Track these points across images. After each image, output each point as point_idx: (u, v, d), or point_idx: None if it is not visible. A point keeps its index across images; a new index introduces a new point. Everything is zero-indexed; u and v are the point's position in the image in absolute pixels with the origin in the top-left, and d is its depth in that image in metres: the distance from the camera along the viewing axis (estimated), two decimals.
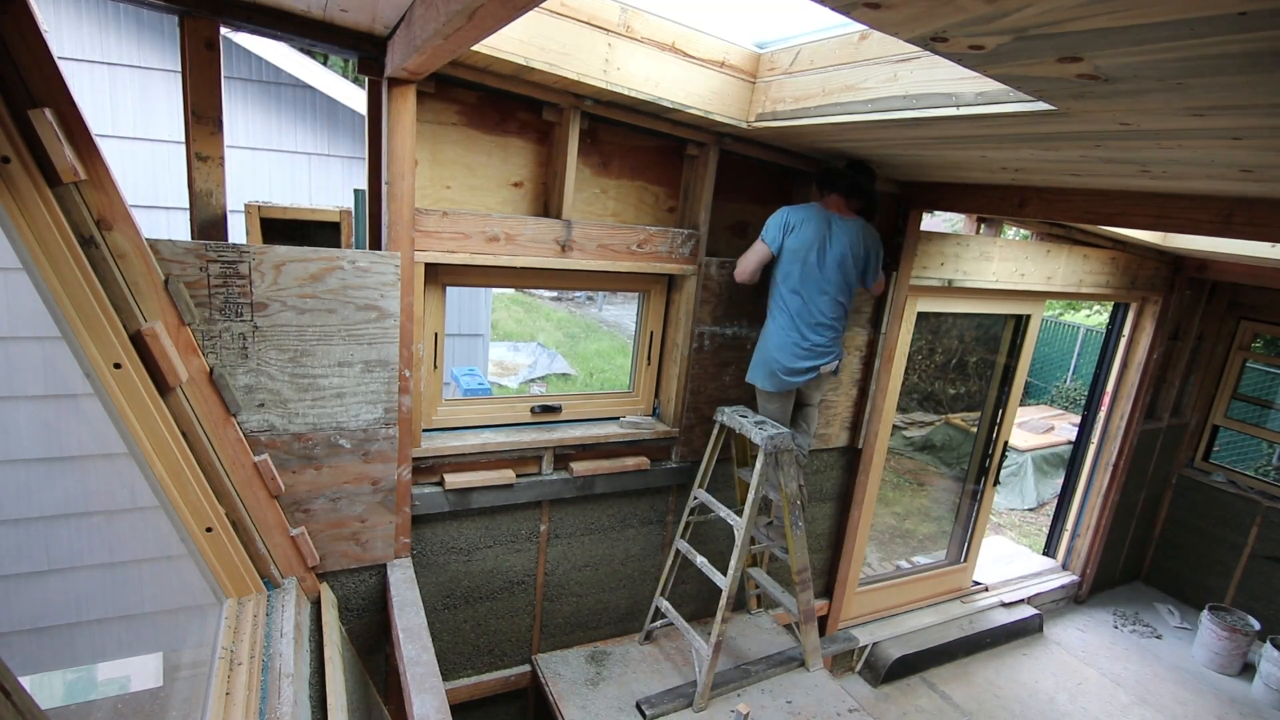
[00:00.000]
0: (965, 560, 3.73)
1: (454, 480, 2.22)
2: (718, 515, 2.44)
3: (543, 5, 1.24)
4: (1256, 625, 3.66)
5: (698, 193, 2.36)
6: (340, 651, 1.81)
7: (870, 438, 3.01)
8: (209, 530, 1.65)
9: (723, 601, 2.35)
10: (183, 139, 1.61)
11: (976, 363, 6.25)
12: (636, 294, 2.57)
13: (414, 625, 1.81)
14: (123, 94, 3.29)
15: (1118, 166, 1.66)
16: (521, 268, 2.13)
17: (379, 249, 1.92)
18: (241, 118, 3.60)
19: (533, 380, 8.60)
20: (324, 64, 4.55)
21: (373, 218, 1.97)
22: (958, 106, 1.33)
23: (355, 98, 3.77)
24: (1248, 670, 3.66)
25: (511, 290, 12.82)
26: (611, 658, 2.68)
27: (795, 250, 2.30)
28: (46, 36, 1.30)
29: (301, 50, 3.62)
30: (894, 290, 2.79)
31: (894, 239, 2.74)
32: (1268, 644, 3.46)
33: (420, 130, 1.94)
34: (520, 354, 9.15)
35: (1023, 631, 3.70)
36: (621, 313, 13.42)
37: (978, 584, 3.83)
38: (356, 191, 4.12)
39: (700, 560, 2.47)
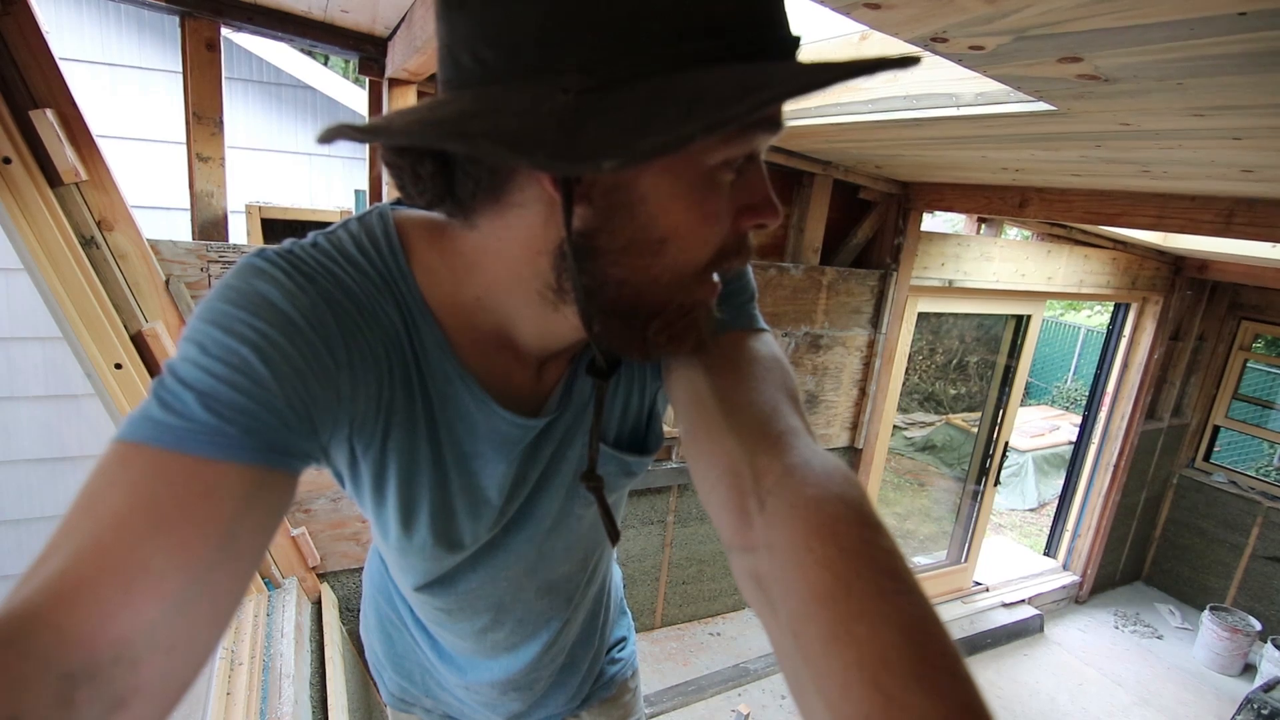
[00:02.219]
0: (966, 561, 3.73)
1: None
2: None
3: None
4: (1257, 625, 3.66)
5: None
6: (341, 652, 1.81)
7: (870, 438, 3.01)
8: None
9: None
10: (183, 139, 1.61)
11: (977, 363, 6.25)
12: None
13: None
14: (123, 94, 3.30)
15: (1118, 167, 1.66)
16: None
17: None
18: (242, 118, 3.61)
19: None
20: (324, 64, 4.55)
21: None
22: (958, 107, 1.33)
23: (356, 98, 3.78)
24: (1249, 670, 3.66)
25: None
26: None
27: None
28: (47, 37, 1.30)
29: (302, 51, 3.63)
30: (894, 290, 2.79)
31: (894, 239, 2.74)
32: (1269, 644, 3.45)
33: None
34: None
35: (1023, 632, 3.69)
36: None
37: (978, 584, 3.82)
38: (357, 192, 4.12)
39: None
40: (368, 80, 1.83)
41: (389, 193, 1.82)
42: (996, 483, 3.65)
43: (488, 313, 0.52)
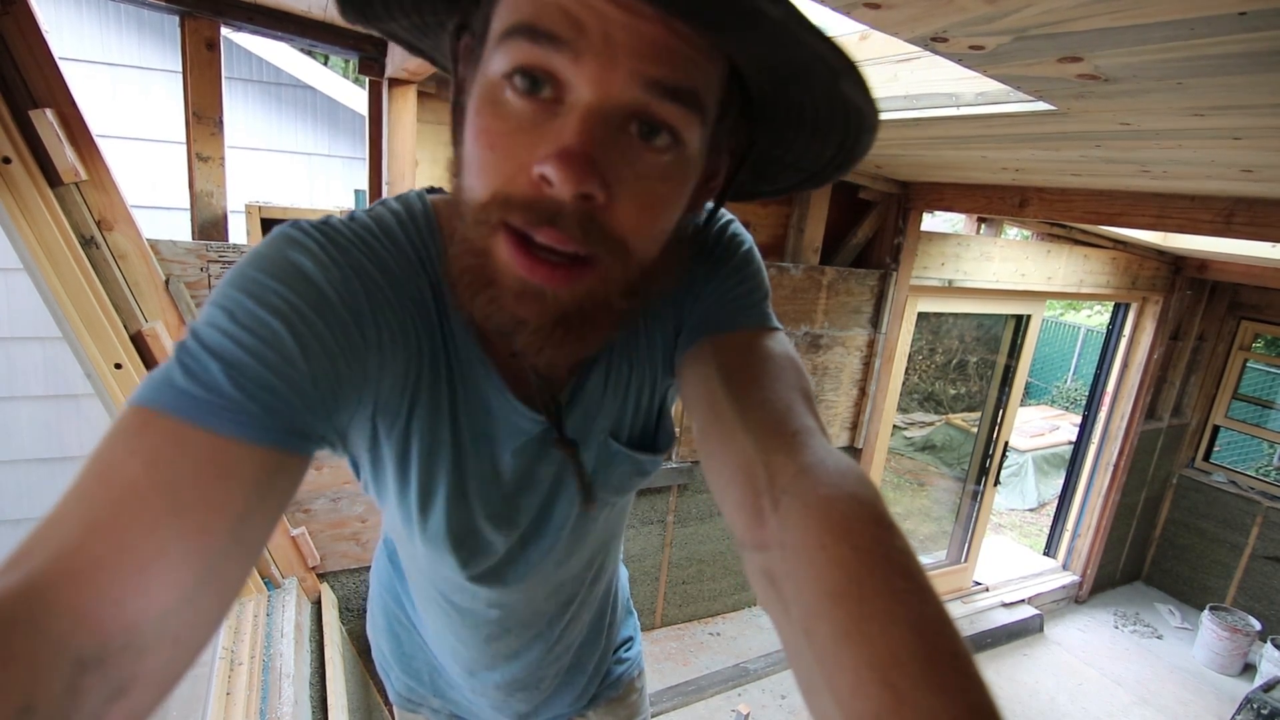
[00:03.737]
0: (965, 560, 3.73)
1: None
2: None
3: None
4: (1257, 625, 3.66)
5: None
6: (341, 652, 1.81)
7: (870, 438, 3.01)
8: None
9: None
10: (183, 139, 1.61)
11: (977, 363, 6.25)
12: None
13: None
14: (123, 94, 3.30)
15: (1118, 166, 1.66)
16: None
17: None
18: (242, 118, 3.61)
19: None
20: (324, 64, 4.55)
21: None
22: (958, 106, 1.33)
23: (355, 98, 3.78)
24: (1249, 670, 3.66)
25: None
26: None
27: None
28: (47, 37, 1.30)
29: (302, 51, 3.63)
30: (894, 290, 2.79)
31: (894, 239, 2.74)
32: (1268, 644, 3.46)
33: (421, 130, 1.94)
34: None
35: (1023, 632, 3.69)
36: None
37: (978, 584, 3.82)
38: (357, 192, 4.12)
39: None
40: (367, 80, 1.83)
41: (389, 194, 1.82)
42: (996, 482, 3.65)
43: None
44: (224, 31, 1.58)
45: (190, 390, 0.36)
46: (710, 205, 0.54)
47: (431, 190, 0.55)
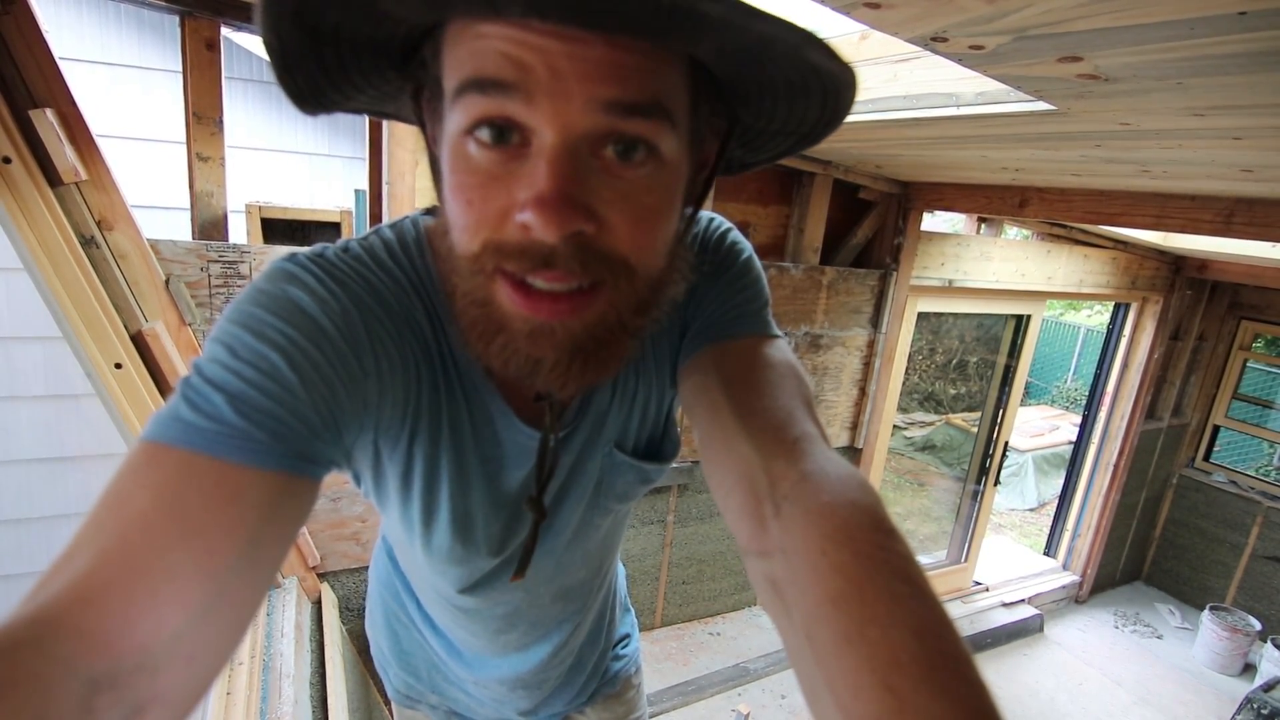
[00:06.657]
0: (965, 560, 3.73)
1: None
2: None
3: None
4: (1257, 625, 3.66)
5: None
6: (341, 652, 1.81)
7: (870, 438, 3.01)
8: None
9: None
10: (183, 139, 1.61)
11: (977, 363, 6.25)
12: None
13: None
14: (123, 94, 3.30)
15: (1118, 166, 1.66)
16: None
17: None
18: (242, 118, 3.61)
19: None
20: None
21: (373, 218, 1.97)
22: (958, 106, 1.33)
23: None
24: (1249, 670, 3.66)
25: None
26: None
27: None
28: (47, 37, 1.30)
29: None
30: (894, 290, 2.79)
31: (894, 239, 2.75)
32: (1268, 644, 3.46)
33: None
34: None
35: (1023, 632, 3.69)
36: None
37: (978, 584, 3.82)
38: (357, 191, 4.13)
39: None
40: None
41: (389, 193, 1.82)
42: (996, 482, 3.65)
43: None
44: (224, 31, 1.58)
45: (196, 422, 0.37)
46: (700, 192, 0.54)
47: (429, 211, 0.55)
